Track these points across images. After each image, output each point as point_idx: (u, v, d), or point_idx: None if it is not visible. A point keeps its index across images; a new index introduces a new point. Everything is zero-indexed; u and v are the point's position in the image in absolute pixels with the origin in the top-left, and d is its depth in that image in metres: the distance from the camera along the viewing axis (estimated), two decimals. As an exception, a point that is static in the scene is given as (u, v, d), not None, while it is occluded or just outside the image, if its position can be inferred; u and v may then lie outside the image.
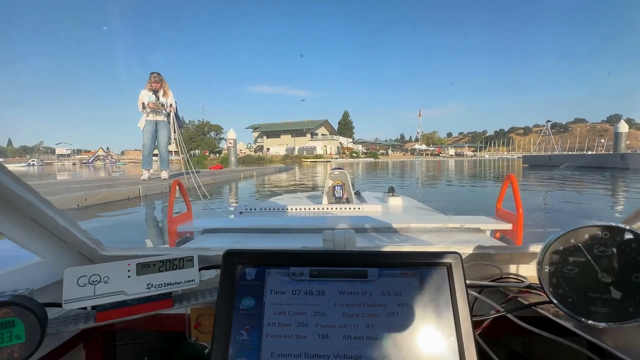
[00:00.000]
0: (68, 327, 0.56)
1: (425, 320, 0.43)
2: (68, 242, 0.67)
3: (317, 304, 0.44)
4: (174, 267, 0.62)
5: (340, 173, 2.37)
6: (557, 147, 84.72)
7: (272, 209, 2.11)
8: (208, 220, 1.67)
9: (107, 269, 0.57)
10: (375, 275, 0.45)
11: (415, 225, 1.48)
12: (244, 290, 0.45)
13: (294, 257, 0.46)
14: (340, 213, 2.00)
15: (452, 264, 0.45)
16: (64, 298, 0.54)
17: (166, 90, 6.58)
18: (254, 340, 0.42)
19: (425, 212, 2.12)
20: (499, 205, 1.58)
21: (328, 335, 0.42)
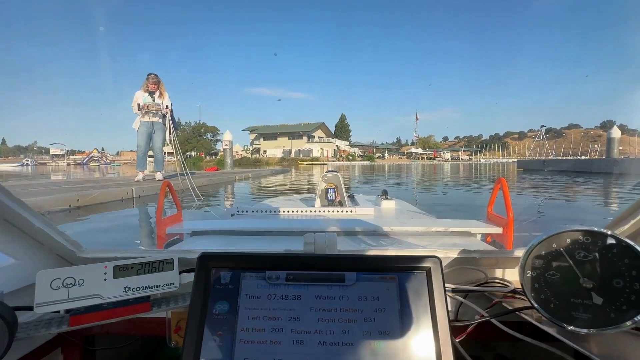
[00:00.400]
0: (40, 331, 0.54)
1: (403, 326, 0.42)
2: (45, 244, 0.66)
3: (292, 309, 0.43)
4: (153, 269, 0.61)
5: (333, 176, 2.36)
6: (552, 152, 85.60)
7: (264, 212, 2.10)
8: (197, 223, 1.65)
9: (83, 271, 0.56)
10: (353, 280, 0.44)
11: (405, 228, 1.47)
12: (218, 295, 0.44)
13: (270, 260, 0.45)
14: (332, 216, 1.99)
15: (431, 269, 0.44)
16: (36, 301, 0.52)
17: (162, 92, 6.56)
18: (227, 346, 0.41)
19: (417, 216, 2.12)
20: (489, 209, 1.58)
21: (303, 341, 0.41)
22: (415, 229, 1.45)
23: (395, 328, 0.42)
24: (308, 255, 0.46)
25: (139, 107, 6.45)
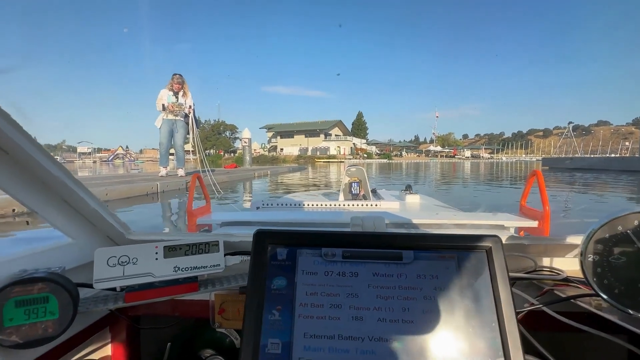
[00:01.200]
0: (98, 306, 0.57)
1: (464, 305, 0.41)
2: (97, 225, 0.68)
3: (350, 286, 0.43)
4: (199, 251, 0.62)
5: (357, 170, 2.35)
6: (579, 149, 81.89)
7: (288, 205, 2.12)
8: (226, 214, 1.69)
9: (136, 250, 0.58)
10: (410, 258, 0.44)
11: (436, 221, 1.45)
12: (275, 270, 0.44)
13: (326, 237, 0.45)
14: (357, 209, 1.98)
15: (492, 248, 0.43)
16: (95, 277, 0.54)
17: (186, 91, 6.74)
18: (286, 320, 0.41)
19: (444, 210, 2.07)
20: (523, 202, 1.53)
21: (362, 318, 0.41)
22: (446, 222, 1.42)
23: (456, 307, 0.41)
24: (364, 233, 0.46)
25: (163, 107, 6.63)
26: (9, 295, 0.47)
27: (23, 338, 0.48)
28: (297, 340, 0.40)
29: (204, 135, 54.16)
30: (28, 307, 0.48)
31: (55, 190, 0.59)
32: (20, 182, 0.54)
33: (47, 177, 0.56)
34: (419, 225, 1.34)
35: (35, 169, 0.54)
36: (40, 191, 0.57)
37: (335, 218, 1.53)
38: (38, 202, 0.57)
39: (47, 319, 0.49)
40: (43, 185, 0.57)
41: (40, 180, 0.56)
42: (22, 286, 0.48)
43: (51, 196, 0.59)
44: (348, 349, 0.40)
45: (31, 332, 0.48)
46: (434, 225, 1.42)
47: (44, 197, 0.58)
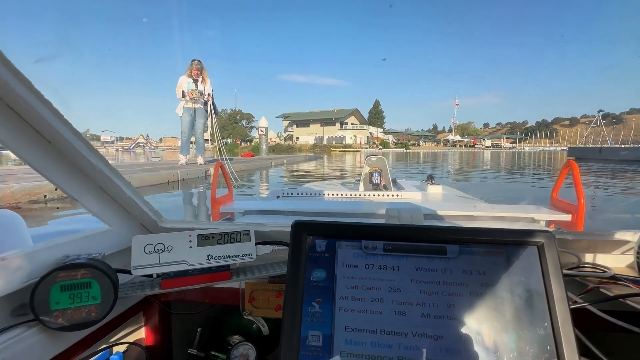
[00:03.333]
0: (136, 292, 0.58)
1: (514, 303, 0.39)
2: (132, 213, 0.70)
3: (392, 280, 0.41)
4: (231, 240, 0.63)
5: (378, 159, 2.32)
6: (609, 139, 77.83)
7: (309, 194, 2.11)
8: (249, 202, 1.70)
9: (171, 238, 0.58)
10: (455, 252, 0.42)
11: (463, 213, 1.41)
12: (314, 262, 0.43)
13: (366, 230, 0.44)
14: (379, 199, 1.96)
15: (544, 244, 0.41)
16: (133, 264, 0.55)
17: (205, 78, 6.75)
18: (326, 313, 0.41)
19: (468, 201, 2.02)
20: (555, 194, 1.46)
21: (405, 313, 0.40)
22: (474, 214, 1.38)
23: (505, 305, 0.39)
24: (407, 226, 0.44)
25: (183, 94, 6.70)
26: (55, 279, 0.49)
27: (68, 321, 0.50)
28: (339, 334, 0.40)
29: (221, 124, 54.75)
30: (72, 291, 0.50)
31: (93, 178, 0.60)
32: (62, 170, 0.55)
33: (86, 165, 0.56)
34: (445, 217, 1.31)
35: (76, 158, 0.55)
36: (80, 179, 0.58)
37: (361, 208, 1.51)
38: (78, 190, 0.58)
39: (90, 304, 0.51)
40: (82, 174, 0.58)
41: (79, 168, 0.57)
42: (67, 271, 0.50)
43: (89, 184, 0.60)
44: (391, 344, 0.39)
45: (75, 315, 0.50)
46: (460, 217, 1.39)
47: (83, 185, 0.59)
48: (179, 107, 6.87)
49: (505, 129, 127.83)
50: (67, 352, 0.54)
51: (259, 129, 16.56)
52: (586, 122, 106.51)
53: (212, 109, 6.92)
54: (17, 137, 0.47)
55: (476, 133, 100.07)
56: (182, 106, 6.83)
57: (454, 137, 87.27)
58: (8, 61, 0.40)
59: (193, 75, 6.67)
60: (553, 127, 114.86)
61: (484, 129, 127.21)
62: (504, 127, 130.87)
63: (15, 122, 0.46)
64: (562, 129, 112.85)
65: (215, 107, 7.15)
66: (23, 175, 4.98)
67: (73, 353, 0.55)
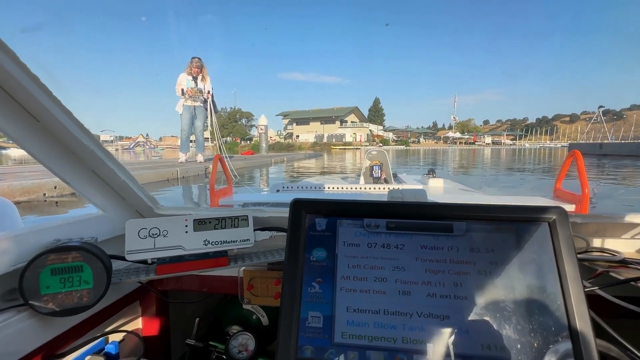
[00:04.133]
0: (130, 277, 0.56)
1: (525, 282, 0.37)
2: (126, 199, 0.68)
3: (396, 258, 0.39)
4: (229, 225, 0.61)
5: (378, 153, 2.30)
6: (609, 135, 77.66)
7: (309, 188, 2.10)
8: (248, 195, 1.68)
9: (166, 222, 0.57)
10: (462, 230, 0.40)
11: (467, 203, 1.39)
12: (314, 241, 0.41)
13: (368, 207, 0.42)
14: (380, 192, 1.94)
15: (555, 220, 0.39)
16: (127, 248, 0.53)
17: (205, 76, 6.72)
18: (327, 294, 0.39)
19: (471, 193, 2.00)
20: (558, 184, 1.44)
21: (410, 292, 0.38)
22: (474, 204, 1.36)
23: (516, 284, 0.37)
24: (410, 202, 0.42)
25: (182, 92, 6.66)
26: (45, 262, 0.47)
27: (59, 306, 0.48)
28: (340, 314, 0.38)
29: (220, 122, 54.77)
30: (63, 275, 0.48)
31: (86, 160, 0.58)
32: (51, 151, 0.53)
33: (77, 147, 0.54)
34: None
35: (67, 138, 0.53)
36: (71, 161, 0.56)
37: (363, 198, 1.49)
38: (69, 172, 0.56)
39: (82, 288, 0.49)
40: (74, 155, 0.56)
41: (70, 150, 0.55)
42: (57, 254, 0.48)
43: (82, 167, 0.58)
44: (395, 324, 0.37)
45: (67, 300, 0.48)
46: None
47: (74, 167, 0.57)
48: (179, 105, 6.83)
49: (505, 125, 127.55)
50: (59, 339, 0.52)
51: (259, 127, 16.54)
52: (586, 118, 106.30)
53: (211, 107, 6.89)
54: (2, 114, 0.45)
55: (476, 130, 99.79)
56: (182, 104, 6.80)
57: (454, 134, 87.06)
58: None
59: (193, 73, 6.63)
60: (553, 124, 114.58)
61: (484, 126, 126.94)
62: (504, 124, 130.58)
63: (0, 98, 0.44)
64: (562, 125, 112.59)
65: (215, 105, 7.12)
66: (22, 173, 4.97)
67: (66, 340, 0.54)
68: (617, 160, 14.01)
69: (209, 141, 7.57)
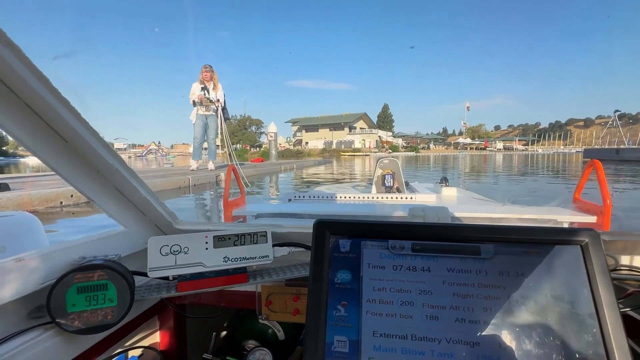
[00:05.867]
0: (152, 294, 0.57)
1: (557, 307, 0.36)
2: (147, 214, 0.69)
3: (422, 282, 0.39)
4: (248, 241, 0.61)
5: (390, 161, 2.28)
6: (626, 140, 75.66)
7: (321, 197, 2.09)
8: (261, 205, 1.69)
9: (187, 239, 0.57)
10: (490, 253, 0.39)
11: (482, 215, 1.36)
12: (339, 263, 0.41)
13: (393, 228, 0.41)
14: (393, 202, 1.92)
15: (588, 243, 0.38)
16: (149, 266, 0.54)
17: (216, 84, 6.84)
18: (353, 317, 0.38)
19: (485, 203, 1.97)
20: (577, 195, 1.41)
21: (437, 317, 0.37)
22: (493, 216, 1.34)
23: (548, 309, 0.36)
24: (436, 224, 0.41)
25: (194, 104, 6.79)
26: (72, 281, 0.48)
27: (85, 324, 0.48)
28: (366, 339, 0.37)
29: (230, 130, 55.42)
30: (89, 293, 0.49)
31: (110, 178, 0.59)
32: (78, 170, 0.55)
33: (103, 166, 0.56)
34: (463, 219, 1.27)
35: (92, 158, 0.54)
36: (96, 180, 0.58)
37: (376, 211, 1.48)
38: (94, 191, 0.58)
39: (107, 306, 0.50)
40: (98, 174, 0.58)
41: (96, 168, 0.57)
42: (83, 273, 0.48)
43: (106, 185, 0.60)
44: (423, 350, 0.36)
45: (92, 318, 0.49)
46: (479, 219, 1.34)
47: (99, 185, 0.58)
48: (192, 114, 6.96)
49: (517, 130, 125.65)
50: (82, 356, 0.52)
51: (268, 135, 16.65)
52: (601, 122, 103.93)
53: (221, 115, 6.99)
54: (34, 136, 0.47)
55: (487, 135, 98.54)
56: (195, 112, 6.93)
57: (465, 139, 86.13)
58: (26, 58, 0.40)
59: (204, 80, 6.76)
60: (567, 129, 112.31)
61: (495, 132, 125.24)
62: (515, 129, 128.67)
63: (32, 121, 0.46)
64: (576, 130, 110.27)
65: (226, 112, 7.23)
66: (40, 182, 5.11)
67: (89, 357, 0.54)
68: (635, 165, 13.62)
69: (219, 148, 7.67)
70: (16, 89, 0.42)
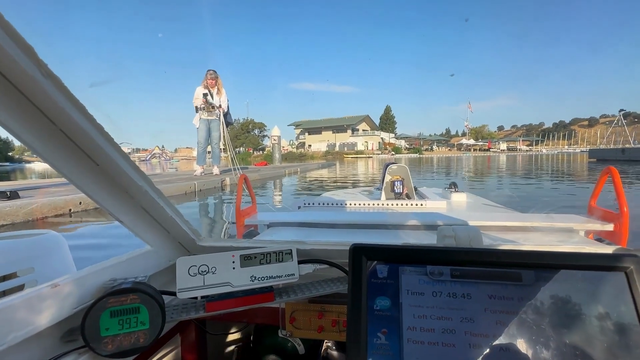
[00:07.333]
0: (182, 316, 0.57)
1: (604, 336, 0.35)
2: (171, 232, 0.69)
3: (463, 309, 0.38)
4: (274, 260, 0.61)
5: (399, 167, 2.28)
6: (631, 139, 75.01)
7: (330, 204, 2.09)
8: (273, 214, 1.69)
9: (214, 259, 0.57)
10: (531, 279, 0.39)
11: (495, 223, 1.36)
12: (377, 289, 0.41)
13: (431, 254, 0.41)
14: (403, 209, 1.92)
15: (633, 270, 0.37)
16: (178, 287, 0.54)
17: (220, 88, 6.87)
18: (394, 345, 0.38)
19: (497, 210, 1.96)
20: (593, 202, 1.40)
21: (481, 345, 0.37)
22: (506, 224, 1.33)
23: (594, 338, 0.35)
24: (476, 250, 0.41)
25: (197, 109, 6.83)
26: (106, 305, 0.48)
27: (118, 347, 0.49)
28: None
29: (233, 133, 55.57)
30: (122, 317, 0.49)
31: (137, 199, 0.59)
32: (107, 192, 0.55)
33: (131, 187, 0.56)
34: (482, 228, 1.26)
35: (122, 180, 0.54)
36: (124, 200, 0.58)
37: (388, 219, 1.47)
38: (121, 211, 0.58)
39: (139, 329, 0.50)
40: (126, 195, 0.58)
41: (124, 189, 0.57)
42: (116, 297, 0.49)
43: (133, 205, 0.60)
44: None
45: (125, 341, 0.49)
46: (493, 227, 1.33)
47: (126, 206, 0.59)
48: (196, 119, 6.99)
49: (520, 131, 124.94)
50: None
51: (272, 138, 16.68)
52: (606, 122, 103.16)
53: (222, 120, 7.01)
54: (67, 161, 0.47)
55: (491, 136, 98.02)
56: (198, 117, 6.96)
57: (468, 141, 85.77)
58: (65, 88, 0.40)
59: (208, 85, 6.79)
60: (571, 128, 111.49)
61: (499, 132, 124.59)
62: (519, 130, 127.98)
63: (67, 147, 0.46)
64: (580, 129, 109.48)
65: (229, 117, 7.25)
66: (49, 189, 5.15)
67: None
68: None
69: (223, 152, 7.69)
70: (54, 117, 0.42)
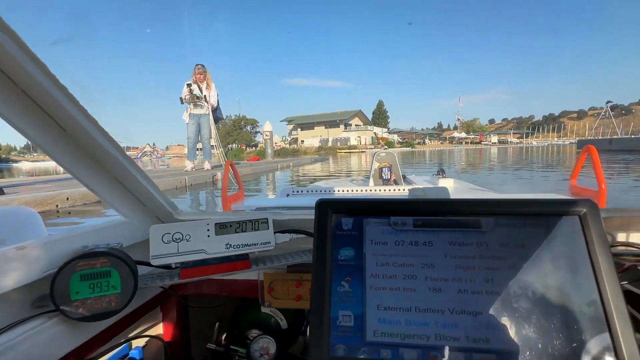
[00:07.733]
0: (155, 282, 0.57)
1: (558, 276, 0.37)
2: (147, 205, 0.69)
3: (424, 255, 0.39)
4: (249, 228, 0.61)
5: (387, 154, 2.29)
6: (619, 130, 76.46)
7: (318, 192, 2.10)
8: (259, 200, 1.69)
9: (189, 227, 0.57)
10: (490, 225, 0.40)
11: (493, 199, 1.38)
12: (342, 241, 0.41)
13: (394, 205, 0.42)
14: (391, 194, 1.93)
15: (586, 213, 0.38)
16: (152, 253, 0.54)
17: (209, 83, 6.78)
18: (357, 292, 0.39)
19: (483, 193, 1.98)
20: (573, 180, 1.43)
21: (440, 289, 0.38)
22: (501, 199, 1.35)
23: (549, 278, 0.37)
24: (436, 200, 0.42)
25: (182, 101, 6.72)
26: (75, 269, 0.48)
27: (89, 311, 0.49)
28: (371, 313, 0.38)
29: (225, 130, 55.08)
30: (92, 281, 0.49)
31: (109, 168, 0.59)
32: (77, 159, 0.54)
33: (102, 155, 0.56)
34: None
35: (91, 147, 0.54)
36: (95, 169, 0.58)
37: None
38: (93, 180, 0.58)
39: (110, 293, 0.50)
40: (97, 163, 0.57)
41: (95, 158, 0.56)
42: (86, 260, 0.48)
43: (105, 174, 0.59)
44: (427, 321, 0.37)
45: (96, 305, 0.49)
46: None
47: (98, 175, 0.58)
48: (185, 114, 6.91)
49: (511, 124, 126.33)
50: (86, 346, 0.52)
51: (264, 134, 16.60)
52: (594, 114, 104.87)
53: (211, 115, 6.93)
54: (31, 124, 0.46)
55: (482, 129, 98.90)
56: (188, 113, 6.87)
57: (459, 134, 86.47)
58: (24, 43, 0.40)
59: (198, 80, 6.70)
60: (560, 121, 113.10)
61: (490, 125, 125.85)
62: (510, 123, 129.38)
63: (30, 108, 0.46)
64: (569, 122, 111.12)
65: (219, 112, 7.18)
66: (35, 185, 5.06)
67: (92, 347, 0.54)
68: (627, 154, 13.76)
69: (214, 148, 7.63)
70: (13, 75, 0.42)
